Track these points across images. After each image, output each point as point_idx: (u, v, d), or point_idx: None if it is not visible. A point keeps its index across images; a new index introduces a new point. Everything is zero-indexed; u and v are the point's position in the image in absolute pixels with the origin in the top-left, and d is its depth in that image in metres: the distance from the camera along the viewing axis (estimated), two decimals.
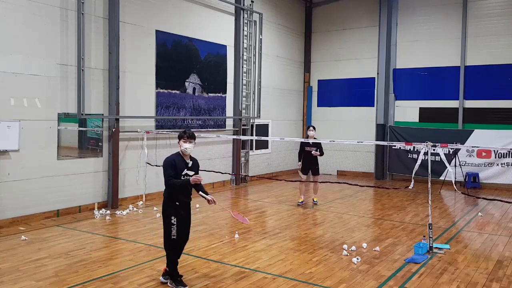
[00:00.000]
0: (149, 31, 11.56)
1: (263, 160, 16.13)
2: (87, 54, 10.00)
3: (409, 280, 6.21)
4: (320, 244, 7.92)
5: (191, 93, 12.95)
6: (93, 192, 10.33)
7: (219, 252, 7.35)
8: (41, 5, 9.17)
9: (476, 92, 15.09)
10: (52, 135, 9.46)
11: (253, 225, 9.24)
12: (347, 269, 6.61)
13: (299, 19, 17.95)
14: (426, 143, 7.57)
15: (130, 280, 6.05)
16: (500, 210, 11.09)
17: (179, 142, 5.76)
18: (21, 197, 8.93)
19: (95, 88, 10.26)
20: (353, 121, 17.28)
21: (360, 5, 17.20)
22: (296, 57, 17.85)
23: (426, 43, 15.90)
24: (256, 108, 15.19)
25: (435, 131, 15.11)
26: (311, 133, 11.10)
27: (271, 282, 6.05)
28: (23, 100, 8.94)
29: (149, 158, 11.36)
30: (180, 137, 5.74)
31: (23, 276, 6.16)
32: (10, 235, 8.13)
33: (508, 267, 6.80)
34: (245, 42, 14.79)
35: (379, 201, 12.21)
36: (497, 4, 14.78)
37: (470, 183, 14.36)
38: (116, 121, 10.55)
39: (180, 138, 5.74)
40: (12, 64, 8.73)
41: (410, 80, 16.25)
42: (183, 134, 5.74)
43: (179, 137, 5.76)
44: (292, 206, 11.27)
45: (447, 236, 8.61)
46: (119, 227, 9.02)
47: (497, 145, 13.35)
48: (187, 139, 5.72)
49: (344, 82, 17.59)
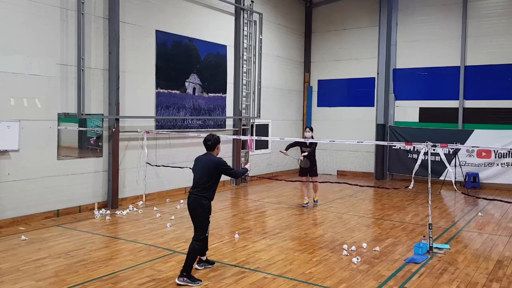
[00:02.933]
0: (149, 31, 11.56)
1: (263, 160, 16.14)
2: (87, 54, 10.00)
3: (409, 280, 6.21)
4: (320, 244, 7.92)
5: (191, 93, 12.95)
6: (93, 192, 10.33)
7: (219, 252, 7.34)
8: (41, 5, 9.17)
9: (476, 92, 15.09)
10: (52, 135, 9.46)
11: (253, 225, 9.24)
12: (347, 269, 6.60)
13: (299, 19, 17.95)
14: (426, 143, 7.57)
15: (130, 280, 6.05)
16: (500, 210, 11.09)
17: (219, 146, 6.44)
18: (21, 197, 8.93)
19: (95, 88, 10.26)
20: (353, 121, 17.27)
21: (360, 5, 17.20)
22: (296, 57, 17.85)
23: (426, 43, 15.89)
24: (256, 108, 15.19)
25: (435, 131, 15.11)
26: (308, 134, 11.00)
27: (271, 282, 6.05)
28: (23, 100, 8.94)
29: (149, 158, 11.36)
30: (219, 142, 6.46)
31: (23, 276, 6.16)
32: (10, 235, 8.13)
33: (508, 267, 6.80)
34: (245, 42, 14.79)
35: (379, 201, 12.21)
36: (497, 4, 14.78)
37: (470, 183, 14.36)
38: (116, 121, 10.55)
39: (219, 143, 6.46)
40: (12, 64, 8.73)
41: (410, 80, 16.25)
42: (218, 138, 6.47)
43: (219, 142, 6.45)
44: (292, 206, 11.27)
45: (447, 236, 8.61)
46: (119, 227, 9.02)
47: (497, 145, 13.34)
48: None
49: (344, 82, 17.59)
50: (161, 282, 6.00)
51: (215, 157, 6.33)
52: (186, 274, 5.94)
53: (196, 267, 6.44)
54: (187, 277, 5.92)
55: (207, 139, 6.40)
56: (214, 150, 6.39)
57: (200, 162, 6.37)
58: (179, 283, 5.90)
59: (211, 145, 6.37)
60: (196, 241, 6.12)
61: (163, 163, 11.70)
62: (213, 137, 6.39)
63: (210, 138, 6.38)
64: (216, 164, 6.23)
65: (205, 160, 6.32)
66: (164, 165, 11.61)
